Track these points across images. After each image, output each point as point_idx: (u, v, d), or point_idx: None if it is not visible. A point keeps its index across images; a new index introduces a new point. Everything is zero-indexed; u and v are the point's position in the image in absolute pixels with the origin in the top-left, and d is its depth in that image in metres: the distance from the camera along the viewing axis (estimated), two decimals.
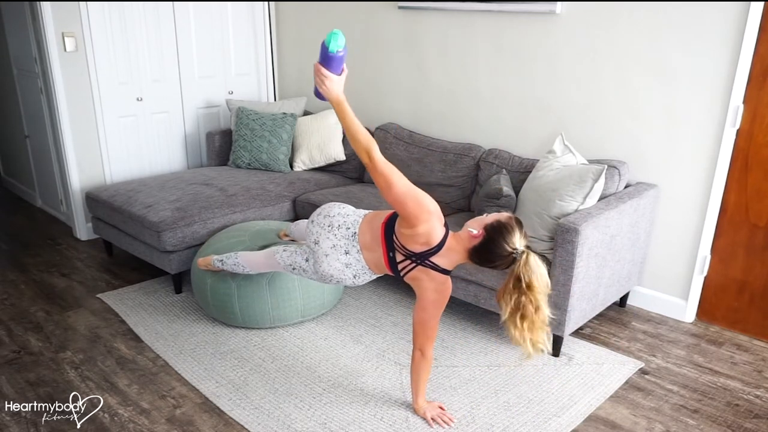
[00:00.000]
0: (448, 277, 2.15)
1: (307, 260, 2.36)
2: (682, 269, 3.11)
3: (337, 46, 2.01)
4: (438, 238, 2.04)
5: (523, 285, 1.92)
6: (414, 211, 1.98)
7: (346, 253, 2.22)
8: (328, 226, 2.25)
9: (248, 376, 2.60)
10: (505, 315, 1.96)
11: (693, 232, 3.03)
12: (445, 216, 2.08)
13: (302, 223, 2.88)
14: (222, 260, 2.74)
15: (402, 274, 2.16)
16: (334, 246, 2.23)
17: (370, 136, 2.03)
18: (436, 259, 2.08)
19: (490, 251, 1.98)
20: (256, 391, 2.51)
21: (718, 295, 3.07)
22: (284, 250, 2.47)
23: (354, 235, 2.21)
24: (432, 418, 2.30)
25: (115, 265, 3.73)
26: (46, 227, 4.35)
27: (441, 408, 2.36)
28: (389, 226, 2.13)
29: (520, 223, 1.99)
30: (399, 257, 2.13)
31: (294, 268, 2.42)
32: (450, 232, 2.08)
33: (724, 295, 3.05)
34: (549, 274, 2.65)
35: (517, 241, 1.95)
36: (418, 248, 2.07)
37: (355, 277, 2.27)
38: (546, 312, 1.96)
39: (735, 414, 2.43)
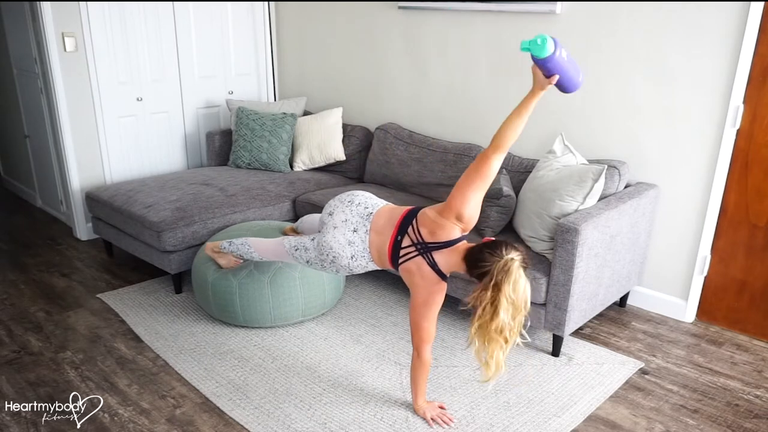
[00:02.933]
0: (442, 282, 2.14)
1: (312, 239, 2.40)
2: (682, 269, 3.11)
3: (543, 52, 1.92)
4: (449, 238, 2.09)
5: (491, 282, 1.88)
6: (466, 205, 2.07)
7: (354, 231, 2.27)
8: (348, 202, 2.34)
9: (248, 376, 2.60)
10: (468, 306, 1.94)
11: (693, 232, 3.03)
12: None
13: (312, 217, 2.91)
14: (231, 242, 2.76)
15: (400, 261, 2.18)
16: (346, 221, 2.29)
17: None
18: (437, 255, 2.10)
19: (479, 251, 1.99)
20: (256, 391, 2.51)
21: (718, 295, 3.07)
22: (293, 237, 2.54)
23: (370, 215, 2.28)
24: (432, 418, 2.31)
25: (115, 265, 3.73)
26: (46, 227, 4.35)
27: (441, 408, 2.36)
28: (411, 215, 2.18)
29: (521, 252, 1.96)
30: (405, 242, 2.16)
31: (297, 249, 2.45)
32: (464, 241, 2.11)
33: (724, 295, 3.05)
34: (549, 274, 2.67)
35: (506, 253, 1.93)
36: (428, 237, 2.11)
37: (352, 257, 2.28)
38: (503, 319, 1.86)
39: (735, 414, 2.43)
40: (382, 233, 2.23)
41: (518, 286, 1.89)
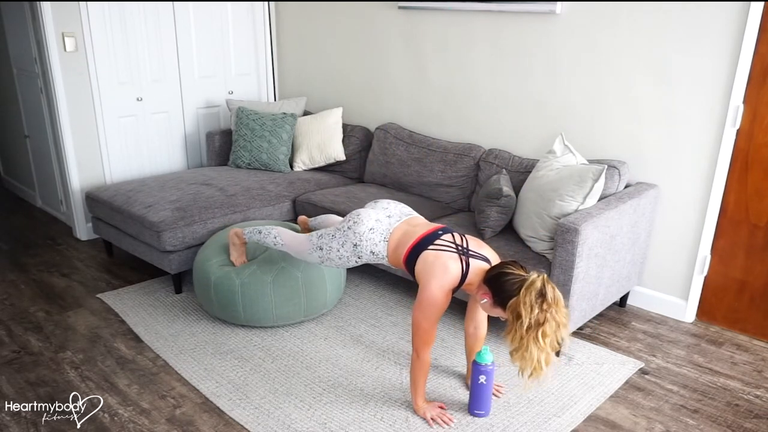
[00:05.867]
0: (450, 293, 2.19)
1: (340, 225, 2.50)
2: (682, 269, 3.11)
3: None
4: (489, 257, 2.25)
5: (549, 298, 1.93)
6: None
7: (388, 217, 2.44)
8: (396, 202, 2.56)
9: (248, 376, 2.60)
10: (523, 327, 1.93)
11: (693, 232, 3.03)
12: (444, 216, 2.13)
13: (330, 217, 2.97)
14: (260, 231, 2.79)
15: (429, 247, 2.22)
16: (387, 209, 2.48)
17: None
18: (473, 262, 2.18)
19: (500, 267, 2.11)
20: (256, 391, 2.51)
21: (718, 295, 3.07)
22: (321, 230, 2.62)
23: (409, 215, 2.48)
24: (432, 418, 2.31)
25: (115, 265, 3.73)
26: (46, 227, 4.35)
27: (441, 407, 2.36)
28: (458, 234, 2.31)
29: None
30: (447, 237, 2.25)
31: (321, 236, 2.52)
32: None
33: (724, 295, 3.05)
34: (549, 274, 2.68)
35: (525, 271, 2.06)
36: (473, 247, 2.24)
37: (371, 230, 2.38)
38: (569, 330, 1.99)
39: (735, 414, 2.43)
40: (416, 226, 2.37)
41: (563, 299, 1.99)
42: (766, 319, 2.96)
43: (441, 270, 2.16)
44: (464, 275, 2.17)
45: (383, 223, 2.41)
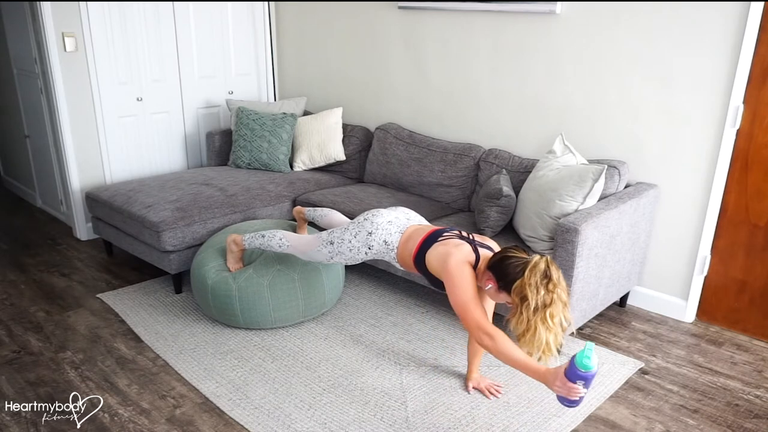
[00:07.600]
0: (473, 270, 2.25)
1: (355, 219, 2.57)
2: (682, 269, 3.11)
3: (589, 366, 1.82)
4: (493, 247, 2.32)
5: (555, 279, 1.95)
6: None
7: (408, 219, 2.53)
8: (415, 212, 2.67)
9: (248, 376, 2.60)
10: (530, 309, 1.91)
11: (693, 232, 3.03)
12: (444, 216, 2.13)
13: (336, 215, 2.99)
14: (263, 235, 2.79)
15: (439, 239, 2.28)
16: (407, 212, 2.58)
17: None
18: (481, 251, 2.23)
19: (503, 252, 2.13)
20: (256, 391, 2.51)
21: (718, 295, 3.07)
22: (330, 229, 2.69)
23: (426, 224, 2.56)
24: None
25: (115, 265, 3.73)
26: (46, 227, 4.35)
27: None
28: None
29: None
30: (454, 232, 2.32)
31: (332, 232, 2.57)
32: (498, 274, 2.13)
33: (724, 295, 3.05)
34: None
35: (528, 254, 2.08)
36: (479, 240, 2.30)
37: (389, 222, 2.47)
38: (570, 313, 2.01)
39: (735, 414, 2.43)
40: (428, 227, 2.45)
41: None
42: (766, 319, 2.96)
43: (452, 248, 2.21)
44: (477, 258, 2.20)
45: (401, 220, 2.50)
